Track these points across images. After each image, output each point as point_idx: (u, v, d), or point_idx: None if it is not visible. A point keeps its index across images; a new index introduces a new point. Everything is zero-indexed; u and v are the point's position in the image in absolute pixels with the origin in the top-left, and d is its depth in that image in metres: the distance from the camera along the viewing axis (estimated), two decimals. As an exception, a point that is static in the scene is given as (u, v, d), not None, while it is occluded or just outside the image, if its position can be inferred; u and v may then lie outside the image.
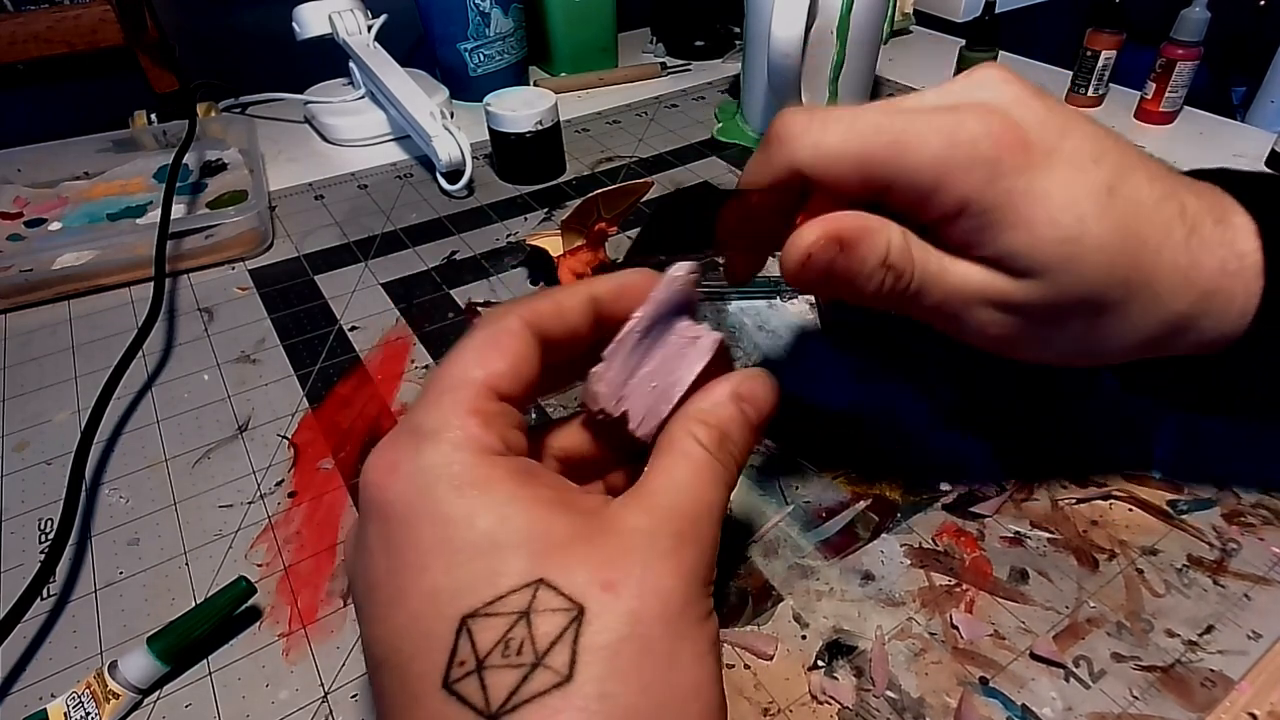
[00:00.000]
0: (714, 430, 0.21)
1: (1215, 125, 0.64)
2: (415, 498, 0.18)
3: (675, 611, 0.18)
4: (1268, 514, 0.31)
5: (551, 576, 0.17)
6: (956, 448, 0.34)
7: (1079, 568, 0.29)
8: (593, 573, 0.17)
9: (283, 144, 0.65)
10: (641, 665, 0.17)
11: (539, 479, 0.19)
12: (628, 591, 0.17)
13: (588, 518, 0.19)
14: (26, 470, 0.35)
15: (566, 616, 0.17)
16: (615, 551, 0.18)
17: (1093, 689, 0.25)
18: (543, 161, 0.58)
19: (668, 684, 0.17)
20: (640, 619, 0.17)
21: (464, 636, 0.16)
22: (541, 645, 0.16)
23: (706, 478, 0.21)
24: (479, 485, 0.18)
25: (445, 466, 0.18)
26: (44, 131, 0.58)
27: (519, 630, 0.16)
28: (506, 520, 0.18)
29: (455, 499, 0.18)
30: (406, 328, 0.43)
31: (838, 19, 0.54)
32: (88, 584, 0.30)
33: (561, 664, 0.16)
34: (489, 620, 0.17)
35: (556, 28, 0.74)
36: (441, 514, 0.18)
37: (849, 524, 0.31)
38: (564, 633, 0.16)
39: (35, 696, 0.26)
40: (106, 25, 0.62)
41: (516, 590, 0.17)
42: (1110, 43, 0.63)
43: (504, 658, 0.16)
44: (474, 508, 0.18)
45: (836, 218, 0.23)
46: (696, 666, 0.18)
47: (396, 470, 0.19)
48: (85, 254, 0.46)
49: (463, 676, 0.16)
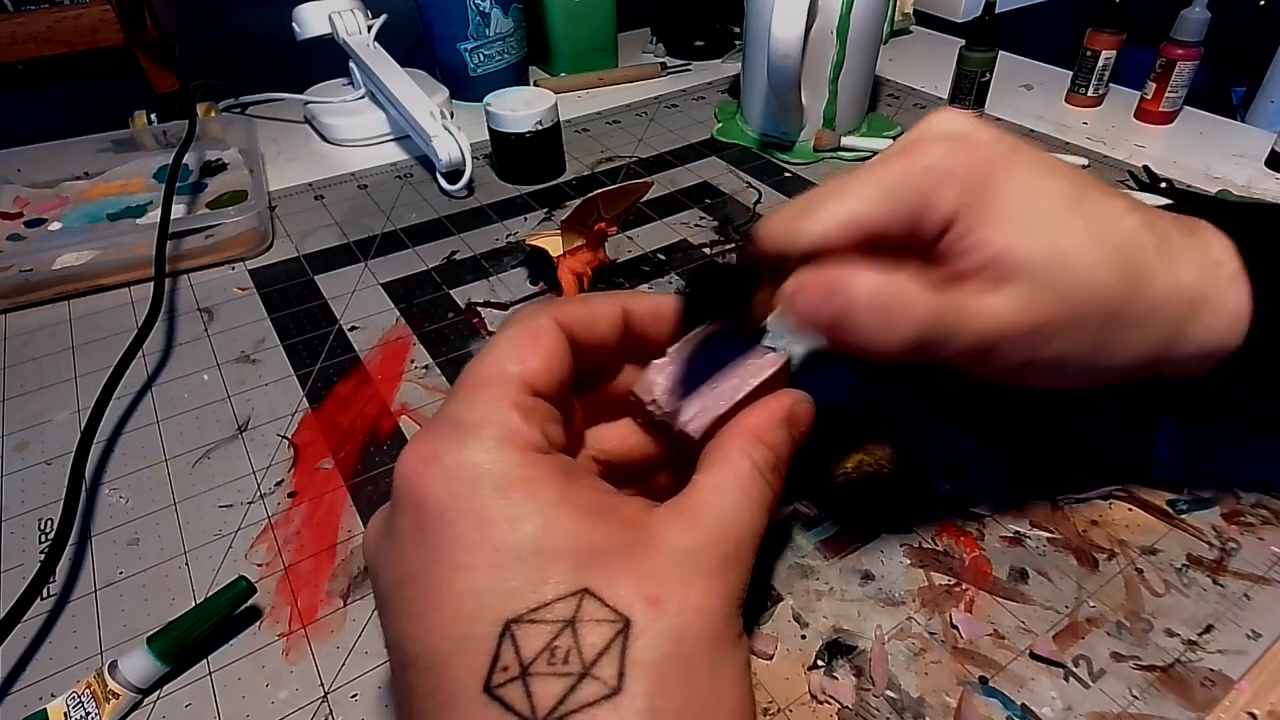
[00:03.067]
0: (770, 453, 0.21)
1: (1215, 125, 0.64)
2: (456, 493, 0.18)
3: (717, 631, 0.18)
4: (1267, 514, 0.31)
5: (596, 587, 0.17)
6: (956, 447, 0.34)
7: (1079, 567, 0.29)
8: (637, 586, 0.17)
9: (283, 144, 0.65)
10: (686, 683, 0.17)
11: (581, 481, 0.19)
12: (672, 608, 0.17)
13: (631, 529, 0.19)
14: (26, 470, 0.35)
15: (612, 628, 0.17)
16: (659, 566, 0.18)
17: (1092, 688, 0.25)
18: (543, 161, 0.58)
19: (710, 703, 0.17)
20: (684, 637, 0.17)
21: (508, 641, 0.16)
22: (589, 655, 0.16)
23: (756, 501, 0.20)
24: (523, 487, 0.18)
25: (489, 464, 0.18)
26: (44, 131, 0.58)
27: (565, 639, 0.16)
28: (551, 526, 0.18)
29: (499, 499, 0.18)
30: (406, 328, 0.43)
31: (838, 19, 0.54)
32: (88, 584, 0.30)
33: (610, 675, 0.16)
34: (533, 627, 0.16)
35: (556, 28, 0.74)
36: (485, 513, 0.18)
37: (849, 524, 0.31)
38: (610, 644, 0.16)
39: (35, 696, 0.26)
40: (106, 25, 0.62)
41: (562, 599, 0.17)
42: (1110, 43, 0.63)
43: (550, 665, 0.16)
44: (518, 511, 0.18)
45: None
46: (736, 687, 0.18)
47: (437, 463, 0.18)
48: (85, 254, 0.46)
49: (506, 682, 0.16)
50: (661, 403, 0.22)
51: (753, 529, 0.20)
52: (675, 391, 0.22)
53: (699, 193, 0.56)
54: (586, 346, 0.22)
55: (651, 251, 0.49)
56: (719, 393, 0.22)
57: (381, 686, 0.26)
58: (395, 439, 0.36)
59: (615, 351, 0.23)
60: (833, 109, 0.59)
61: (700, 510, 0.20)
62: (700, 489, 0.20)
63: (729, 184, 0.57)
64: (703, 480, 0.21)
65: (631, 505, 0.20)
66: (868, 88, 0.62)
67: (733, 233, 0.51)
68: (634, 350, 0.24)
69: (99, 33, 0.62)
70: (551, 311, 0.22)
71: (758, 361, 0.23)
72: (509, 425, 0.19)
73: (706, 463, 0.21)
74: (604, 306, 0.23)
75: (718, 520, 0.19)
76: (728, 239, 0.50)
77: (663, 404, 0.22)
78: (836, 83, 0.58)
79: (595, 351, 0.23)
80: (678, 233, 0.51)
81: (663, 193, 0.56)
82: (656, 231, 0.51)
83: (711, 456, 0.21)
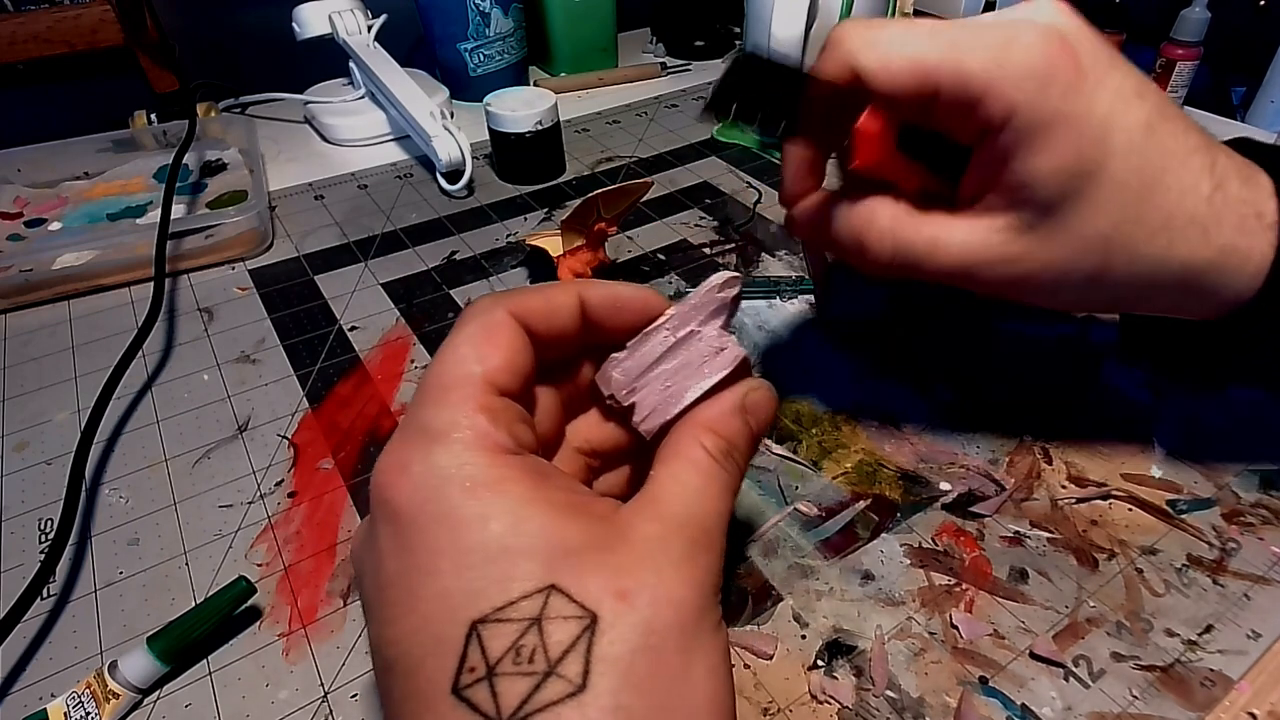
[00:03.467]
0: (722, 440, 0.21)
1: (1215, 125, 0.64)
2: (427, 499, 0.18)
3: (689, 621, 0.18)
4: (1267, 514, 0.31)
5: (564, 583, 0.17)
6: (956, 447, 0.34)
7: (1079, 567, 0.29)
8: (606, 581, 0.17)
9: (283, 144, 0.65)
10: (656, 677, 0.17)
11: (551, 480, 0.19)
12: (641, 601, 0.17)
13: (601, 524, 0.18)
14: (26, 470, 0.35)
15: (579, 625, 0.16)
16: (628, 559, 0.18)
17: (1092, 688, 0.25)
18: (543, 161, 0.58)
19: (682, 696, 0.17)
20: (654, 629, 0.17)
21: (474, 642, 0.16)
22: (554, 653, 0.16)
23: (716, 486, 0.20)
24: (492, 487, 0.18)
25: (457, 468, 0.18)
26: (44, 131, 0.58)
27: (530, 637, 0.16)
28: (520, 524, 0.17)
29: (468, 501, 0.18)
30: (406, 328, 0.43)
31: (837, 19, 0.54)
32: (88, 584, 0.30)
33: (575, 673, 0.16)
34: (500, 626, 0.16)
35: (556, 28, 0.74)
36: (454, 516, 0.17)
37: (849, 524, 0.31)
38: (576, 641, 0.16)
39: (35, 696, 0.26)
40: (106, 25, 0.62)
41: (528, 596, 0.17)
42: (1110, 43, 0.63)
43: (515, 665, 0.16)
44: (487, 510, 0.18)
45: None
46: (710, 678, 0.18)
47: (407, 471, 0.18)
48: (85, 254, 0.46)
49: (473, 683, 0.16)
50: (619, 398, 0.22)
51: (717, 511, 0.20)
52: (631, 386, 0.22)
53: (699, 193, 0.56)
54: (545, 338, 0.22)
55: (651, 251, 0.49)
56: (672, 393, 0.22)
57: (381, 686, 0.26)
58: (395, 439, 0.36)
59: (577, 341, 0.23)
60: (833, 109, 0.59)
61: (662, 499, 0.20)
62: (659, 480, 0.20)
63: (729, 184, 0.57)
64: (660, 471, 0.21)
65: (603, 502, 0.20)
66: (868, 88, 0.61)
67: (733, 233, 0.51)
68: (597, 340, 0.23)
69: (99, 33, 0.62)
70: (506, 304, 0.21)
71: (714, 361, 0.23)
72: (476, 429, 0.19)
73: (663, 455, 0.21)
74: (561, 296, 0.22)
75: (680, 508, 0.19)
76: (728, 239, 0.50)
77: (620, 399, 0.22)
78: (836, 83, 0.58)
79: (555, 343, 0.22)
80: (678, 233, 0.51)
81: (663, 193, 0.56)
82: (656, 231, 0.51)
83: (666, 450, 0.21)
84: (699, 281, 0.23)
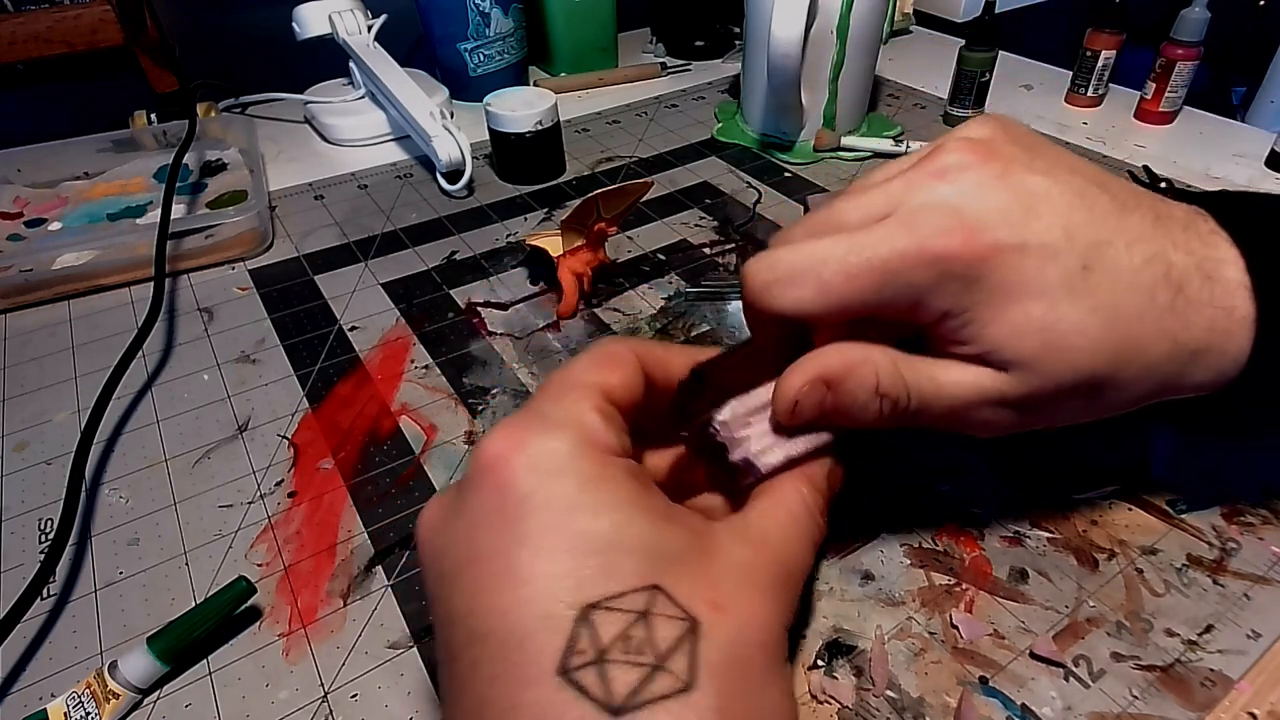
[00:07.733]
0: (818, 496, 0.23)
1: (1215, 125, 0.64)
2: (541, 479, 0.19)
3: (772, 644, 0.19)
4: (1267, 514, 0.31)
5: (666, 585, 0.18)
6: (956, 448, 0.34)
7: (1079, 567, 0.29)
8: (701, 590, 0.18)
9: (283, 144, 0.65)
10: (747, 687, 0.17)
11: (650, 488, 0.20)
12: (735, 616, 0.18)
13: (695, 536, 0.20)
14: (26, 470, 0.35)
15: (682, 626, 0.17)
16: (720, 575, 0.19)
17: (1092, 688, 0.25)
18: (543, 161, 0.58)
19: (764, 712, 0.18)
20: (745, 644, 0.18)
21: (585, 625, 0.17)
22: (661, 649, 0.17)
23: (805, 534, 0.22)
24: (603, 482, 0.19)
25: (574, 457, 0.19)
26: (44, 131, 0.58)
27: (638, 630, 0.17)
28: (628, 523, 0.18)
29: (581, 492, 0.19)
30: (406, 328, 0.43)
31: (838, 19, 0.54)
32: (88, 584, 0.30)
33: (682, 670, 0.17)
34: (611, 615, 0.17)
35: (556, 28, 0.74)
36: (568, 502, 0.18)
37: (849, 524, 0.31)
38: (681, 641, 0.17)
39: (35, 696, 0.26)
40: (106, 25, 0.62)
41: (636, 591, 0.17)
42: (1110, 43, 0.63)
43: (624, 654, 0.17)
44: (600, 504, 0.18)
45: (820, 357, 0.23)
46: (786, 700, 0.19)
47: (524, 448, 0.19)
48: (85, 254, 0.46)
49: (582, 665, 0.16)
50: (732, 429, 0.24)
51: (802, 555, 0.21)
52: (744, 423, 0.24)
53: (699, 193, 0.56)
54: (654, 382, 0.23)
55: (651, 251, 0.49)
56: (794, 442, 0.24)
57: (381, 687, 0.26)
58: (395, 439, 0.36)
59: None
60: (833, 109, 0.59)
61: (756, 527, 0.21)
62: (758, 511, 0.22)
63: (729, 184, 0.57)
64: (759, 505, 0.22)
65: (695, 516, 0.21)
66: (868, 88, 0.62)
67: (733, 233, 0.51)
68: None
69: (99, 33, 0.62)
70: (631, 344, 0.23)
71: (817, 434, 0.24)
72: (591, 426, 0.20)
73: (763, 492, 0.23)
74: (677, 355, 0.24)
75: (775, 540, 0.21)
76: (728, 239, 0.50)
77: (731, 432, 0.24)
78: (836, 83, 0.58)
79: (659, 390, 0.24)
80: (678, 233, 0.51)
81: (663, 193, 0.56)
82: (656, 231, 0.51)
83: (768, 489, 0.23)
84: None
